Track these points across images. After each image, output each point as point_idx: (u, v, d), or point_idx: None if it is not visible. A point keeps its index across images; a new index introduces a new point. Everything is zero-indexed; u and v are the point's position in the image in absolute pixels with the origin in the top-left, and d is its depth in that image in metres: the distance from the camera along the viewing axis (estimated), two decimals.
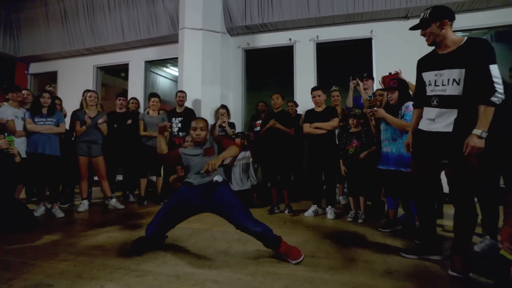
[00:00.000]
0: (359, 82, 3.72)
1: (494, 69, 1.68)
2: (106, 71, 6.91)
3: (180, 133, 4.40)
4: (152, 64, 7.00)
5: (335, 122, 3.37)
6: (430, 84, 1.92)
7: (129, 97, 4.76)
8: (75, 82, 6.43)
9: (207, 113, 4.87)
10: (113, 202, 3.74)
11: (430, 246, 2.06)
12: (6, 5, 6.56)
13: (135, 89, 6.04)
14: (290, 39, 5.31)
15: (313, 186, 3.54)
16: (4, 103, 3.29)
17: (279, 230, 2.76)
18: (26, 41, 6.70)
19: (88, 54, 6.51)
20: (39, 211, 3.34)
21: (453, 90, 1.78)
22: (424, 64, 1.99)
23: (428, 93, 1.93)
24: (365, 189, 3.17)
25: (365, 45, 5.03)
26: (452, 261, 1.85)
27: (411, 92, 2.68)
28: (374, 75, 4.62)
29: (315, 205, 3.46)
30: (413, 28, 1.97)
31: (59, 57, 6.74)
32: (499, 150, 2.17)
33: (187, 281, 1.67)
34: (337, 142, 3.58)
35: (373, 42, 4.95)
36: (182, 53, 4.94)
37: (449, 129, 1.80)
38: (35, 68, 7.04)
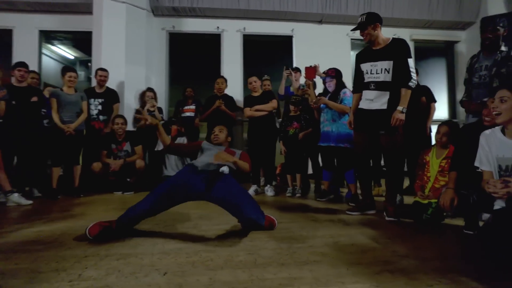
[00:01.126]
0: (292, 72, 4.10)
1: (410, 62, 2.27)
2: None
3: (101, 117, 3.86)
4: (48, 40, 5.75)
5: (274, 103, 3.64)
6: (367, 73, 2.42)
7: None
8: None
9: (131, 96, 4.40)
10: (15, 197, 2.96)
11: (368, 204, 2.54)
12: None
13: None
14: (218, 27, 5.32)
15: (253, 166, 3.71)
16: None
17: (218, 208, 2.83)
18: None
19: None
20: None
21: (385, 77, 2.31)
22: (362, 57, 2.50)
23: (366, 80, 2.43)
24: (302, 167, 3.56)
25: (287, 41, 5.54)
26: (387, 211, 2.35)
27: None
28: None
29: (255, 185, 3.66)
30: (353, 29, 2.45)
31: None
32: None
33: (179, 255, 1.57)
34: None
35: (294, 39, 5.51)
36: (100, 27, 4.28)
37: (384, 107, 2.32)
38: None
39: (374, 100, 2.36)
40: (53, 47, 6.37)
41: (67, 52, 6.50)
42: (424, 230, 2.07)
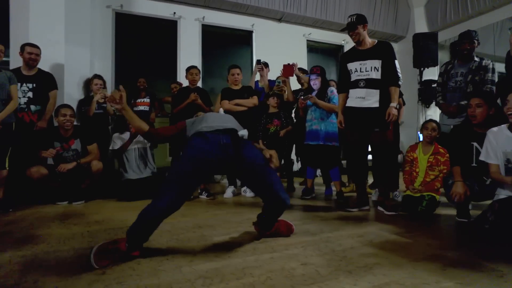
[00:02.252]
0: (264, 67, 3.96)
1: (396, 63, 2.44)
2: None
3: (32, 107, 3.04)
4: None
5: (255, 99, 3.43)
6: (356, 71, 2.49)
7: None
8: None
9: (72, 82, 3.58)
10: None
11: (363, 200, 2.59)
12: None
13: None
14: (174, 13, 4.80)
15: None
16: None
17: (223, 212, 2.57)
18: None
19: None
20: None
21: (375, 75, 2.42)
22: (348, 57, 2.58)
23: (355, 78, 2.50)
24: (282, 165, 3.47)
25: (247, 36, 5.37)
26: (385, 206, 2.44)
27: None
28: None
29: (232, 186, 3.41)
30: (343, 29, 2.52)
31: None
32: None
33: (225, 277, 1.27)
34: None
35: (254, 35, 5.38)
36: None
37: (376, 105, 2.41)
38: None
39: (366, 98, 2.42)
40: None
41: None
42: (425, 221, 2.21)
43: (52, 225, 2.17)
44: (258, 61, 3.93)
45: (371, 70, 2.39)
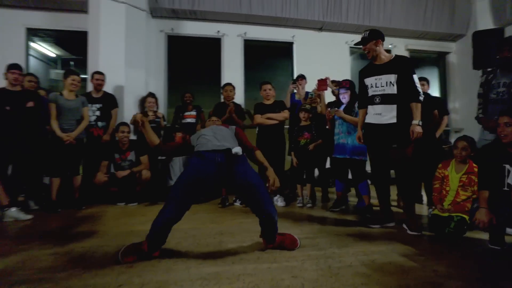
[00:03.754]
0: (299, 86, 4.10)
1: (415, 77, 2.35)
2: None
3: (99, 123, 3.67)
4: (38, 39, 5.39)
5: (286, 113, 3.60)
6: (372, 86, 2.48)
7: None
8: None
9: (130, 101, 4.21)
10: (13, 212, 2.74)
11: (386, 216, 2.54)
12: None
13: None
14: (218, 31, 5.22)
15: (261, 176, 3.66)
16: None
17: (250, 220, 2.78)
18: None
19: None
20: None
21: (391, 90, 2.37)
22: (365, 72, 2.56)
23: (371, 93, 2.49)
24: (313, 177, 3.55)
25: (288, 48, 5.53)
26: (409, 224, 2.37)
27: None
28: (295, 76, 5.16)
29: None
30: (356, 44, 2.53)
31: None
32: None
33: (221, 281, 1.49)
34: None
35: (294, 46, 5.51)
36: (97, 27, 4.06)
37: (394, 120, 2.36)
38: None
39: (383, 114, 2.39)
40: (32, 44, 6.01)
41: (49, 50, 6.11)
42: (452, 245, 2.09)
43: (107, 223, 2.67)
44: (294, 81, 4.07)
45: (386, 85, 2.36)
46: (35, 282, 1.48)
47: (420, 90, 2.30)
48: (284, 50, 5.59)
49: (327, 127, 3.37)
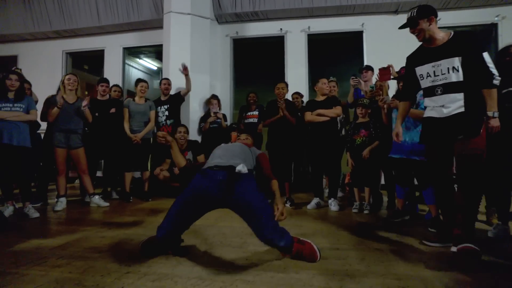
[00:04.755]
0: (361, 81, 3.69)
1: (486, 56, 1.79)
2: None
3: (168, 121, 4.09)
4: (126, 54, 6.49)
5: (338, 109, 3.28)
6: (429, 76, 1.99)
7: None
8: (39, 69, 5.72)
9: (195, 103, 4.58)
10: (96, 199, 3.34)
11: (449, 233, 2.00)
12: None
13: (112, 78, 5.50)
14: (281, 29, 5.16)
15: (315, 177, 3.43)
16: None
17: (287, 222, 2.63)
18: None
19: (56, 37, 5.86)
20: (7, 211, 2.88)
21: (455, 77, 1.85)
22: (416, 59, 2.07)
23: (428, 84, 2.00)
24: (371, 180, 3.12)
25: (356, 38, 5.03)
26: (458, 239, 1.84)
27: None
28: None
29: (317, 198, 3.36)
30: (402, 27, 2.06)
31: (19, 39, 5.99)
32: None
33: (214, 283, 1.45)
34: (341, 134, 3.53)
35: (364, 35, 4.96)
36: (168, 39, 4.58)
37: (462, 109, 1.85)
38: None
39: (447, 106, 1.89)
40: (140, 60, 7.23)
41: (151, 64, 7.28)
42: None
43: (160, 214, 2.96)
44: (355, 75, 3.70)
45: (449, 72, 1.86)
46: (73, 258, 1.76)
47: (494, 71, 1.76)
48: (352, 41, 5.10)
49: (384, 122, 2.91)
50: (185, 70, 3.95)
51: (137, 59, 7.28)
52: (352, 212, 3.08)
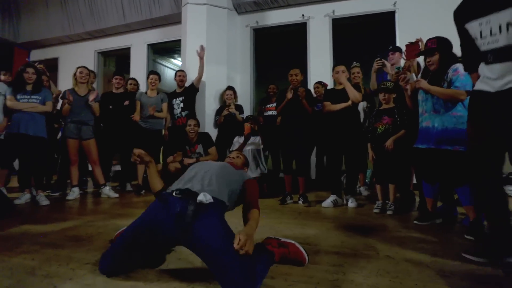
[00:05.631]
0: (385, 62, 3.24)
1: None
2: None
3: (183, 113, 3.99)
4: (159, 56, 6.65)
5: (361, 94, 2.90)
6: (476, 38, 1.51)
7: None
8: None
9: (211, 95, 4.44)
10: (106, 190, 3.35)
11: (499, 246, 1.54)
12: None
13: (138, 74, 5.62)
14: (303, 15, 4.81)
15: (332, 172, 3.07)
16: None
17: (293, 221, 2.35)
18: (26, 26, 6.41)
19: (89, 38, 6.18)
20: (23, 198, 3.00)
21: (508, 38, 1.36)
22: (464, 13, 1.57)
23: (482, 48, 1.50)
24: (396, 175, 2.68)
25: (386, 19, 4.50)
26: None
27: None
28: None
29: (334, 195, 2.99)
30: None
31: (59, 42, 6.43)
32: None
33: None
34: (365, 126, 3.12)
35: (396, 15, 4.41)
36: (185, 31, 4.51)
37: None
38: (36, 55, 6.75)
39: (499, 78, 1.42)
40: (174, 60, 7.39)
41: (179, 61, 7.34)
42: None
43: None
44: (379, 57, 3.27)
45: (500, 32, 1.38)
46: (47, 245, 1.68)
47: None
48: (382, 23, 4.57)
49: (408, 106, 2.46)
50: (201, 51, 3.79)
51: (172, 59, 7.44)
52: (373, 212, 2.67)
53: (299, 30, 4.92)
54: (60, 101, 3.66)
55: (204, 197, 1.30)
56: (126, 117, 3.68)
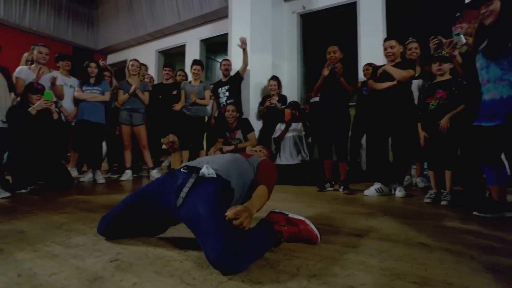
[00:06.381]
0: (442, 39, 2.75)
1: None
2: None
3: (228, 101, 4.06)
4: (211, 53, 6.92)
5: (408, 72, 2.52)
6: None
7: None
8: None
9: (256, 84, 4.42)
10: (154, 173, 3.62)
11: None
12: (88, 3, 7.31)
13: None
14: None
15: (377, 158, 2.75)
16: (55, 70, 3.43)
17: (322, 205, 2.18)
18: (103, 34, 7.37)
19: (150, 39, 6.78)
20: (86, 177, 3.41)
21: None
22: None
23: None
24: (453, 159, 2.26)
25: None
26: None
27: None
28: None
29: (379, 183, 2.68)
30: None
31: (127, 46, 7.21)
32: None
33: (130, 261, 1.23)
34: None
35: None
36: (231, 22, 4.59)
37: None
38: (112, 59, 7.69)
39: None
40: (226, 56, 7.63)
41: None
42: None
43: None
44: (434, 36, 2.81)
45: None
46: (99, 208, 1.86)
47: None
48: None
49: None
50: (243, 44, 3.84)
51: (224, 56, 7.69)
52: (424, 202, 2.30)
53: (347, 12, 4.56)
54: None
55: (206, 170, 1.25)
56: (174, 105, 3.91)
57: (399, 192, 2.54)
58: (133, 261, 1.06)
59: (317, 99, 4.02)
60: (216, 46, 6.81)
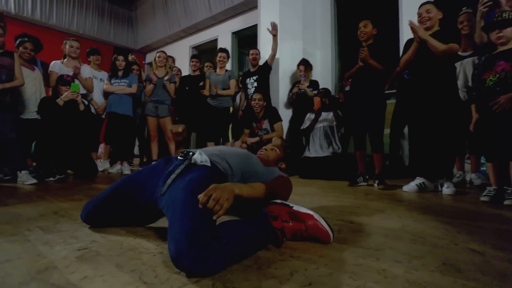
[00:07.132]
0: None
1: None
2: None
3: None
4: (243, 47, 6.78)
5: (452, 45, 2.08)
6: None
7: None
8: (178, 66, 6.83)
9: (285, 73, 4.17)
10: None
11: None
12: (128, 5, 7.66)
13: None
14: None
15: (414, 148, 2.35)
16: (85, 64, 3.54)
17: (353, 200, 1.89)
18: (141, 33, 7.66)
19: (185, 36, 6.86)
20: (115, 168, 3.48)
21: None
22: None
23: None
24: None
25: None
26: None
27: None
28: None
29: (422, 178, 2.28)
30: None
31: (163, 44, 7.39)
32: None
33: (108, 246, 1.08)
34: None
35: None
36: (259, 10, 4.39)
37: None
38: (150, 57, 7.97)
39: None
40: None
41: None
42: None
43: None
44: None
45: None
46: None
47: None
48: None
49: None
50: (273, 29, 3.62)
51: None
52: (480, 200, 1.88)
53: None
54: None
55: (199, 157, 1.08)
56: (200, 97, 3.83)
57: (447, 189, 2.13)
58: (102, 251, 0.92)
59: (348, 87, 3.68)
60: (248, 39, 6.67)
